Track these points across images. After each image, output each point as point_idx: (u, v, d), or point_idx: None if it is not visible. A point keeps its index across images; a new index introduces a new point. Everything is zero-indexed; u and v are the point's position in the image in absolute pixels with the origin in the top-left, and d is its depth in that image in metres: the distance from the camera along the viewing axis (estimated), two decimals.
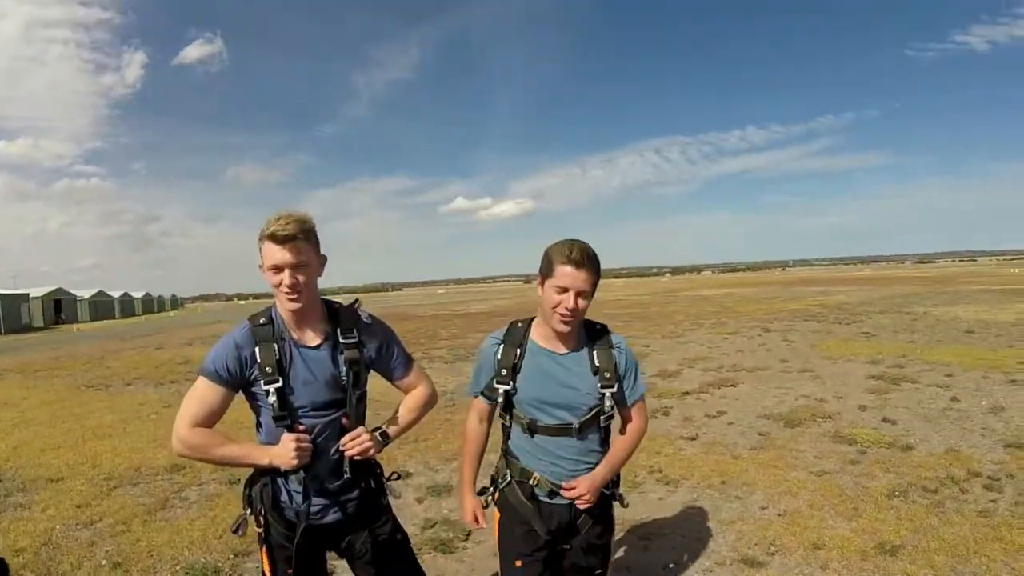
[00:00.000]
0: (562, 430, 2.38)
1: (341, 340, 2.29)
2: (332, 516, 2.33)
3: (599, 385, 2.36)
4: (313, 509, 2.27)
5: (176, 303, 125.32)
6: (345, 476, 2.29)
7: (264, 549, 2.31)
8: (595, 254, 2.28)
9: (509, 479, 2.51)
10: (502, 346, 2.45)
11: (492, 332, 2.56)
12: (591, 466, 2.42)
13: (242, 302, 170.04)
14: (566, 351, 2.40)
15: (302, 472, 2.20)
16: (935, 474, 5.27)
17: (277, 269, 2.14)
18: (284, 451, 2.15)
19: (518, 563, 2.49)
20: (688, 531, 4.50)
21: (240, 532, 2.30)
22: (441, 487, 5.62)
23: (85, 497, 5.74)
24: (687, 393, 9.31)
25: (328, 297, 2.42)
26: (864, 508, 4.67)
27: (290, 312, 2.22)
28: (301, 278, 2.16)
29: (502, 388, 2.41)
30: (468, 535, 4.59)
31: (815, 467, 5.65)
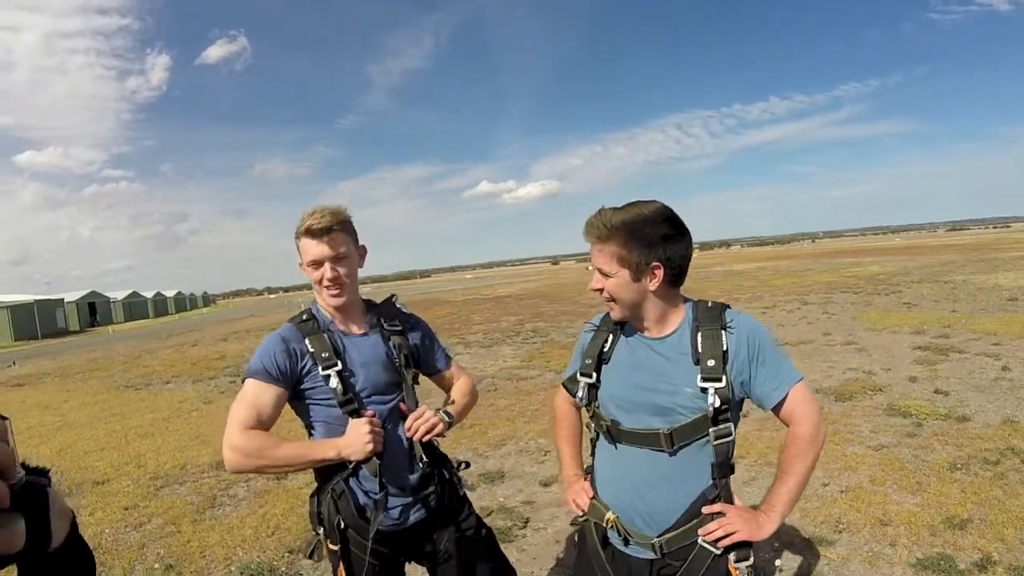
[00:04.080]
0: (648, 438, 1.83)
1: (386, 327, 2.26)
2: (415, 516, 2.19)
3: (700, 378, 1.77)
4: (393, 512, 2.14)
5: (208, 300, 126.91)
6: (421, 465, 2.17)
7: (343, 568, 2.10)
8: (616, 222, 1.78)
9: (585, 515, 2.02)
10: (593, 333, 2.06)
11: (591, 318, 2.14)
12: (693, 505, 1.83)
13: (272, 296, 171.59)
14: (665, 334, 1.88)
15: (376, 462, 2.04)
16: (995, 445, 5.12)
17: (317, 264, 2.10)
18: (356, 437, 2.01)
19: None
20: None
21: (316, 558, 2.17)
22: (493, 474, 5.55)
23: (132, 498, 5.75)
24: None
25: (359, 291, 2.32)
26: (927, 482, 4.55)
27: (334, 307, 2.17)
28: (342, 270, 2.12)
29: (583, 381, 2.01)
30: (527, 523, 4.53)
31: (872, 441, 5.51)
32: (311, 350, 2.08)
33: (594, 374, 1.98)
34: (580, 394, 2.03)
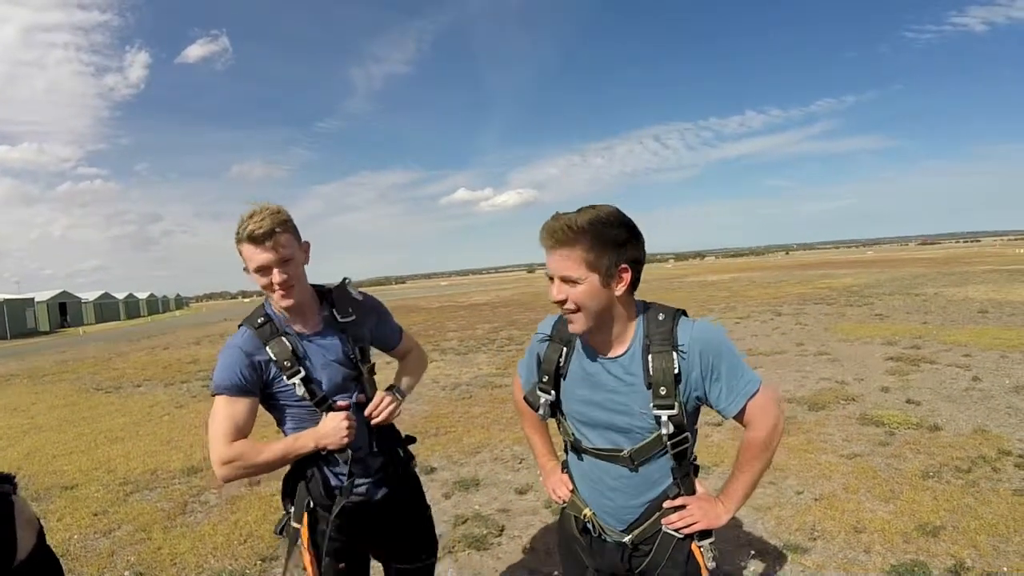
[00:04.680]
0: (611, 456, 1.88)
1: (340, 320, 2.30)
2: (381, 494, 2.35)
3: (652, 405, 1.77)
4: (359, 490, 2.29)
5: (181, 303, 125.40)
6: (374, 448, 2.32)
7: (308, 548, 2.21)
8: (581, 223, 1.71)
9: (563, 506, 2.11)
10: (547, 344, 2.01)
11: (543, 320, 2.11)
12: (655, 503, 1.90)
13: (247, 300, 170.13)
14: (620, 352, 1.85)
15: (349, 452, 2.20)
16: (966, 454, 5.20)
17: (264, 270, 2.10)
18: (333, 429, 2.15)
19: None
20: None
21: (285, 533, 2.28)
22: (468, 481, 5.51)
23: (101, 504, 5.64)
24: None
25: (314, 283, 2.38)
26: (900, 490, 4.60)
27: (286, 308, 2.20)
28: (290, 273, 2.13)
29: (544, 398, 2.00)
30: (502, 530, 4.50)
31: (845, 450, 5.56)
32: (273, 358, 2.14)
33: (553, 391, 1.98)
34: (542, 411, 2.03)
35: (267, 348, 2.14)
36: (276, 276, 2.09)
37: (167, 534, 4.86)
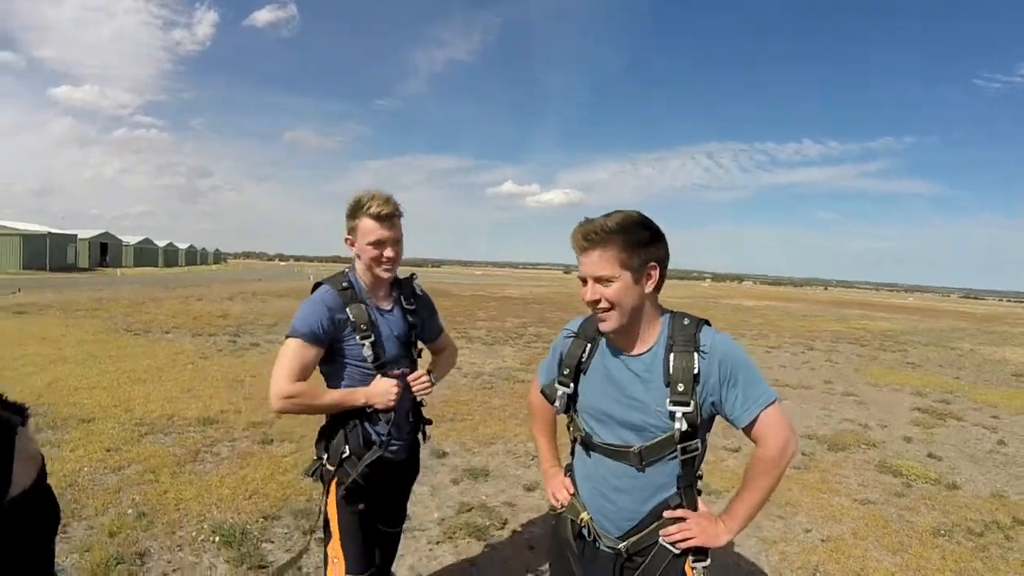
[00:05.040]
0: (619, 453, 1.91)
1: (405, 306, 2.66)
2: (404, 457, 2.66)
3: (669, 401, 1.82)
4: (393, 447, 2.55)
5: (219, 257, 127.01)
6: (410, 417, 2.64)
7: (334, 489, 2.48)
8: (611, 226, 1.81)
9: (563, 509, 2.12)
10: (571, 340, 2.08)
11: (571, 321, 2.18)
12: (655, 511, 1.92)
13: (283, 263, 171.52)
14: (643, 351, 1.91)
15: (392, 414, 2.49)
16: (980, 516, 5.09)
17: (380, 244, 2.42)
18: (383, 391, 2.44)
19: None
20: (730, 547, 4.34)
21: (315, 477, 2.54)
22: (478, 471, 5.53)
23: (115, 441, 5.75)
24: None
25: None
26: (909, 543, 4.52)
27: (374, 280, 2.52)
28: (398, 252, 2.49)
29: (561, 390, 2.05)
30: (505, 523, 4.51)
31: (859, 495, 5.47)
32: (352, 319, 2.43)
33: (572, 384, 2.04)
34: (558, 403, 2.08)
35: (347, 309, 2.43)
36: (389, 252, 2.44)
37: (175, 479, 4.94)
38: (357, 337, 2.45)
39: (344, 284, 2.49)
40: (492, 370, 10.61)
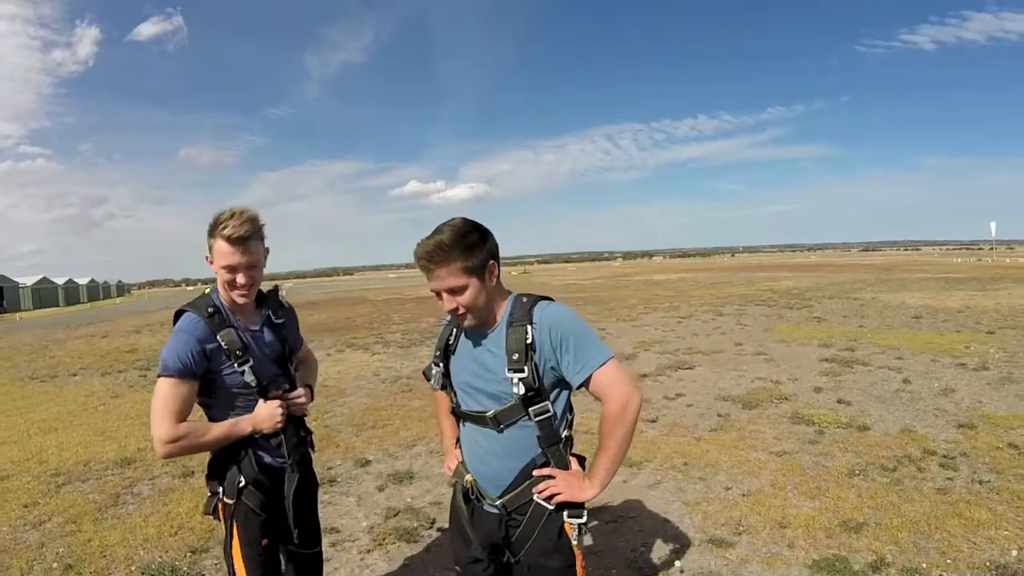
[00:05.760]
0: (481, 418, 2.13)
1: (275, 320, 2.55)
2: (297, 475, 2.51)
3: (506, 368, 2.04)
4: (286, 468, 2.48)
5: (123, 289, 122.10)
6: (301, 434, 2.58)
7: (235, 525, 2.38)
8: (446, 241, 1.98)
9: (453, 477, 2.34)
10: (444, 326, 2.35)
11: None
12: (525, 470, 2.12)
13: (191, 288, 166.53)
14: (489, 330, 2.15)
15: (281, 436, 2.42)
16: (892, 453, 5.37)
17: (231, 269, 2.29)
18: (268, 415, 2.37)
19: (457, 568, 2.42)
20: (654, 513, 4.51)
21: (215, 515, 2.43)
22: (402, 474, 5.54)
23: (32, 495, 5.51)
24: (645, 376, 9.37)
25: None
26: (826, 487, 4.75)
27: (239, 304, 2.40)
28: (254, 277, 2.35)
29: (435, 370, 2.31)
30: (433, 523, 4.54)
31: (775, 447, 5.72)
32: (224, 347, 2.29)
33: (442, 363, 2.28)
34: (434, 381, 2.32)
35: (218, 337, 2.28)
36: (242, 278, 2.30)
37: (98, 526, 4.78)
38: (235, 364, 2.32)
39: (210, 309, 2.33)
40: (409, 372, 10.62)
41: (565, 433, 2.15)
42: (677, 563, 3.80)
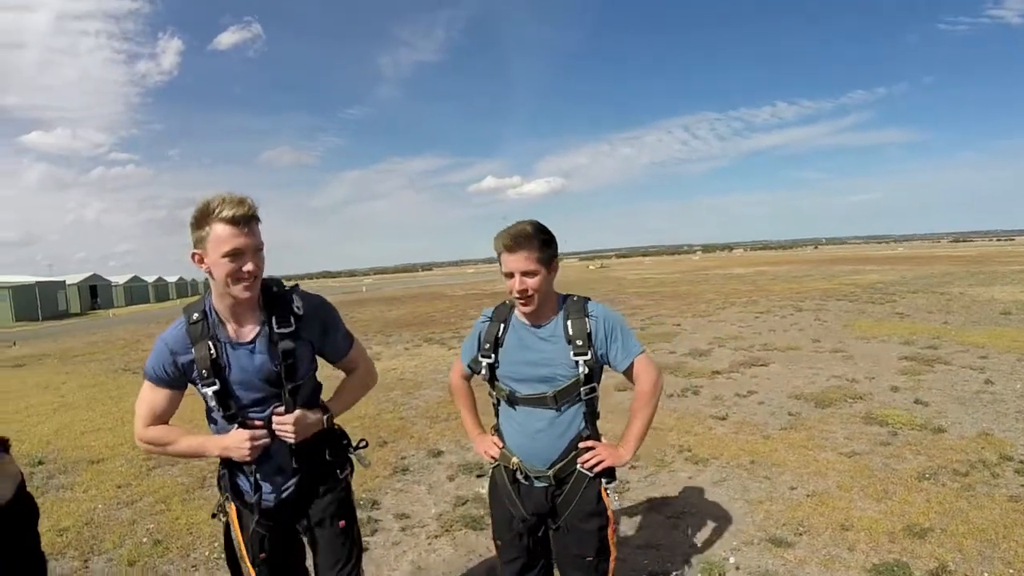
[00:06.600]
0: (539, 400, 2.46)
1: (276, 330, 2.18)
2: (287, 495, 2.34)
3: (572, 353, 2.41)
4: (268, 497, 2.32)
5: (209, 286, 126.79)
6: (293, 466, 2.30)
7: (239, 532, 2.37)
8: (529, 232, 2.35)
9: (497, 461, 2.64)
10: (488, 323, 2.63)
11: (483, 311, 2.74)
12: (572, 443, 2.48)
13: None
14: (543, 323, 2.49)
15: (253, 466, 2.27)
16: (966, 457, 5.20)
17: (236, 255, 2.02)
18: (236, 444, 2.18)
19: (498, 543, 2.71)
20: (717, 510, 4.53)
21: (218, 517, 2.46)
22: (472, 465, 5.69)
23: (125, 477, 5.94)
24: (717, 372, 9.27)
25: (271, 276, 2.28)
26: (893, 490, 4.65)
27: (233, 303, 2.15)
28: (260, 264, 2.10)
29: (485, 361, 2.57)
30: None
31: (845, 448, 5.62)
32: (195, 362, 2.15)
33: (493, 355, 2.55)
34: (483, 372, 2.60)
35: (193, 349, 2.14)
36: (249, 264, 2.04)
37: (185, 506, 5.13)
38: (200, 384, 2.16)
39: (196, 315, 2.17)
40: None
41: (598, 414, 2.58)
42: (732, 560, 3.82)
